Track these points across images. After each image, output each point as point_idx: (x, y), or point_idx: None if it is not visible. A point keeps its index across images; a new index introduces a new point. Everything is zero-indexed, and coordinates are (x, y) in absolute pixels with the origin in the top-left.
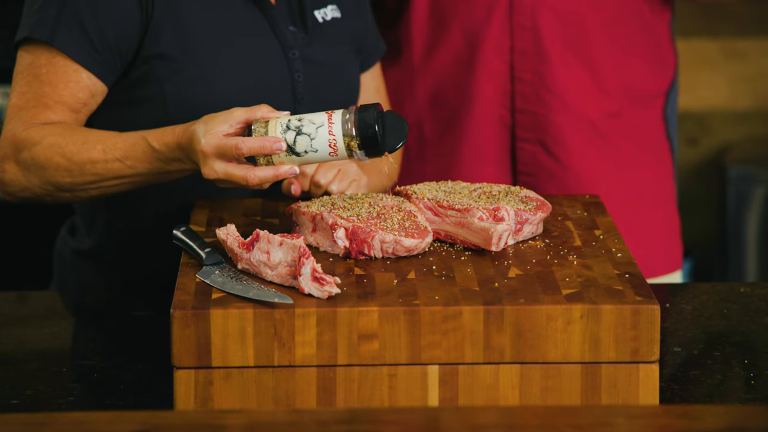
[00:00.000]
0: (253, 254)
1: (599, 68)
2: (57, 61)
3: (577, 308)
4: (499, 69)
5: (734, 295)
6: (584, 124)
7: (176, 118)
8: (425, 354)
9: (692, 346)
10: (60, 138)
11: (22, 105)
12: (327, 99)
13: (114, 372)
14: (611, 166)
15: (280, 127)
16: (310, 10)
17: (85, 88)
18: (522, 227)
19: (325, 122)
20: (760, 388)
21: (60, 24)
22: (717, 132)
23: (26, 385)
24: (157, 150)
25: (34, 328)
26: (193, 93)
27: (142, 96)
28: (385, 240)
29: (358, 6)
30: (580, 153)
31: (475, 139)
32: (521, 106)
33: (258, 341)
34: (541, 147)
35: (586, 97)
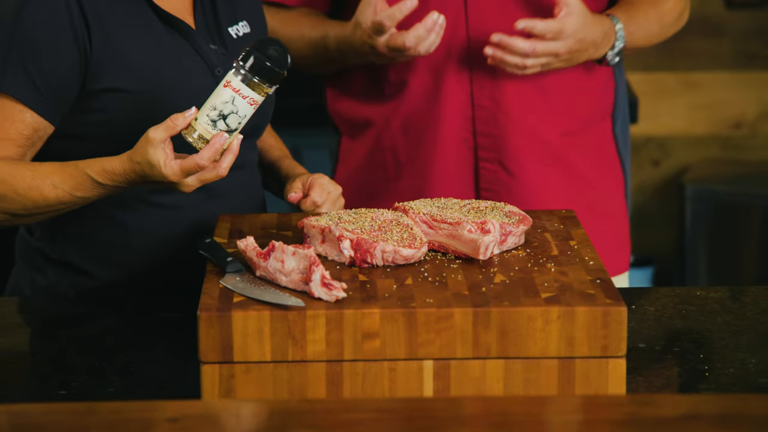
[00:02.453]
0: (269, 263)
1: (549, 94)
2: (4, 102)
3: (555, 310)
4: (460, 98)
5: (691, 298)
6: (538, 144)
7: (125, 143)
8: (421, 350)
9: (654, 343)
10: (8, 175)
11: None
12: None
13: (148, 367)
14: (564, 181)
15: (207, 125)
16: (225, 27)
17: (29, 126)
18: (506, 239)
19: (231, 93)
20: (713, 379)
21: (6, 68)
22: (677, 155)
23: (72, 378)
24: (102, 183)
25: (78, 328)
26: (137, 119)
27: (90, 126)
28: (386, 250)
29: (262, 22)
30: (535, 170)
31: (442, 160)
32: (481, 129)
33: (274, 339)
34: (500, 166)
35: (538, 120)
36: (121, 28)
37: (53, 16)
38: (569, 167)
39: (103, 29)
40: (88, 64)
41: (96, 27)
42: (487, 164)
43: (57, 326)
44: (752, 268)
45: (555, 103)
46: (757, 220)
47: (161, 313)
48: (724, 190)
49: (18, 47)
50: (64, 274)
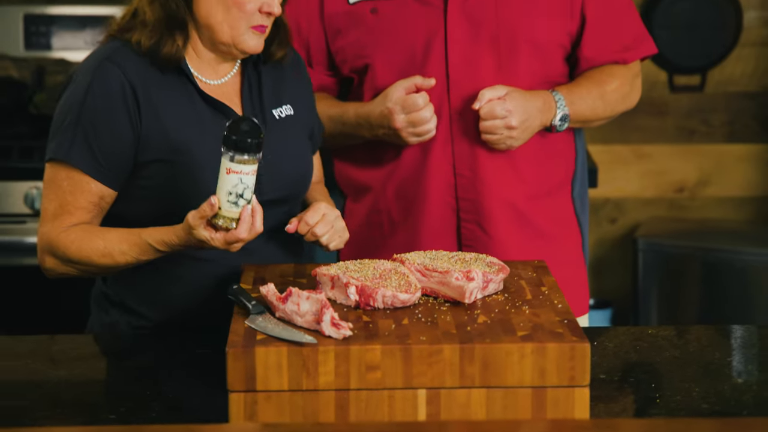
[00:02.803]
0: (287, 306)
1: (518, 165)
2: (73, 175)
3: (529, 346)
4: (444, 169)
5: (644, 336)
6: (509, 207)
7: (168, 204)
8: (415, 381)
9: (613, 374)
10: (85, 243)
11: (52, 211)
12: (283, 174)
13: (185, 395)
14: (530, 238)
15: (230, 207)
16: (269, 110)
17: (95, 194)
18: (487, 285)
19: (236, 175)
20: (663, 405)
21: (73, 146)
22: (630, 214)
23: (120, 404)
24: (160, 250)
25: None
26: (179, 184)
27: (141, 190)
28: (386, 295)
29: (309, 104)
30: (505, 229)
31: (429, 221)
32: (462, 195)
33: (291, 371)
34: (478, 226)
35: (509, 188)
36: (168, 109)
37: (111, 102)
38: (534, 226)
39: (152, 111)
40: (140, 140)
41: (146, 110)
42: (467, 224)
43: (110, 359)
44: (694, 310)
45: (523, 173)
46: (697, 270)
47: (196, 349)
48: (669, 244)
49: (83, 127)
50: (122, 315)
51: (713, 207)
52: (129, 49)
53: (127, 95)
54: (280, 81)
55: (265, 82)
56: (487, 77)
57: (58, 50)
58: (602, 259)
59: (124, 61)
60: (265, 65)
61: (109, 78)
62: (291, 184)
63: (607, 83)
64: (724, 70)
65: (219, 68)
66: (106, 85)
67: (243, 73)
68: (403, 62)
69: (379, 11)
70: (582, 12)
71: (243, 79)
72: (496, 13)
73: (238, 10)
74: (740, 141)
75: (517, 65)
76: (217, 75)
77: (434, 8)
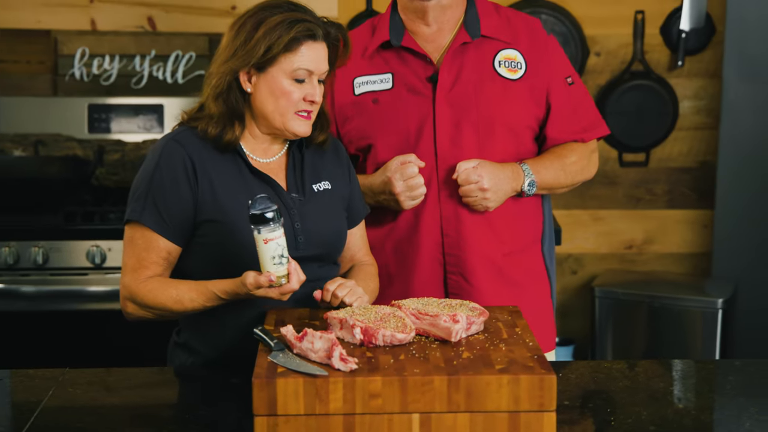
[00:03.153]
0: (303, 344)
1: (495, 226)
2: (146, 234)
3: (505, 377)
4: (434, 230)
5: (600, 369)
6: (487, 262)
7: (219, 257)
8: (410, 407)
9: (575, 401)
10: (160, 293)
11: (131, 265)
12: (319, 236)
13: (218, 417)
14: (505, 288)
15: (277, 266)
16: (309, 184)
17: (164, 249)
18: (470, 326)
19: (273, 242)
20: (617, 427)
21: (145, 210)
22: (588, 267)
23: (163, 426)
24: (223, 298)
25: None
26: (228, 241)
27: (198, 246)
28: (386, 335)
29: (345, 181)
30: (485, 280)
31: (420, 274)
32: (448, 251)
33: (306, 399)
34: (462, 277)
35: (488, 245)
36: (221, 179)
37: (174, 174)
38: (509, 278)
39: (207, 181)
40: (197, 204)
41: (203, 180)
42: (453, 276)
43: (157, 388)
44: (641, 347)
45: (500, 233)
46: (644, 313)
47: (230, 379)
48: (621, 292)
49: (152, 194)
50: (188, 356)
51: (657, 261)
52: (192, 132)
53: (187, 168)
54: (321, 161)
55: (307, 162)
56: (469, 154)
57: (116, 133)
58: (565, 304)
59: (187, 142)
60: (308, 148)
61: (174, 154)
62: (325, 244)
63: (568, 157)
64: (665, 149)
65: (270, 149)
66: (171, 160)
67: (289, 154)
68: (399, 142)
69: (380, 101)
70: (547, 101)
71: (288, 159)
72: (475, 102)
73: (286, 100)
74: (678, 207)
75: (493, 144)
76: (267, 155)
77: (424, 98)
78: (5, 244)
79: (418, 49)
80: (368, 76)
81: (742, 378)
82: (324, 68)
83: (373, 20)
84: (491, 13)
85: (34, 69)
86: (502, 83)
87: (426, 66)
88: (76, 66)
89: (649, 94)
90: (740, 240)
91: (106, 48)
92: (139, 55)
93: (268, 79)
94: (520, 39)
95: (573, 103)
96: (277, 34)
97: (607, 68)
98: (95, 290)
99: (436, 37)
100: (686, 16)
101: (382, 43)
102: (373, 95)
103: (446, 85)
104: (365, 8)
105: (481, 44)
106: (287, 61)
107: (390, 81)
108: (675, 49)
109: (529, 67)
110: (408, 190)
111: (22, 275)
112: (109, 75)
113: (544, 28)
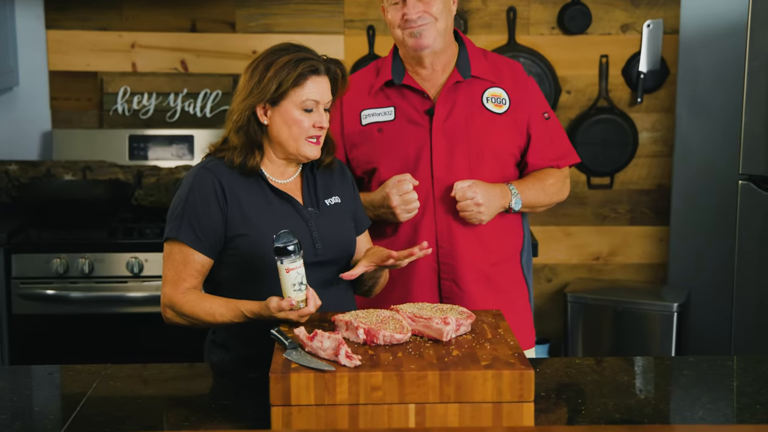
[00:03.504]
0: (313, 343)
1: (484, 239)
2: (182, 249)
3: (489, 372)
4: (429, 241)
5: (573, 365)
6: (476, 270)
7: (246, 266)
8: (407, 398)
9: (550, 392)
10: (196, 305)
11: (170, 278)
12: (332, 242)
13: (240, 407)
14: (491, 293)
15: (297, 292)
16: (322, 199)
17: (198, 263)
18: (459, 328)
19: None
20: (587, 415)
21: (181, 228)
22: (561, 275)
23: (192, 414)
24: (247, 317)
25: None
26: (255, 251)
27: (228, 257)
28: (385, 335)
29: (351, 197)
30: (474, 286)
31: (418, 280)
32: (442, 260)
33: (316, 390)
34: (454, 284)
35: (477, 256)
36: (247, 198)
37: (206, 196)
38: (495, 284)
39: (235, 201)
40: (227, 221)
41: (231, 200)
42: (446, 282)
43: (188, 381)
44: (607, 346)
45: (487, 245)
46: (609, 316)
47: (248, 373)
48: (590, 297)
49: (188, 214)
50: (224, 353)
51: (620, 271)
52: (220, 161)
53: (217, 191)
54: (330, 180)
55: (319, 181)
56: (461, 177)
57: (152, 160)
58: (542, 308)
59: (216, 169)
60: (318, 170)
61: (205, 180)
62: (338, 249)
63: (547, 180)
64: (626, 173)
65: (286, 171)
66: (203, 185)
67: (303, 175)
68: (400, 166)
69: (384, 130)
70: (528, 132)
71: (303, 179)
72: (466, 132)
73: (298, 128)
74: (638, 224)
75: (482, 168)
76: (285, 176)
77: (422, 128)
78: (57, 255)
79: (417, 87)
80: (373, 109)
81: (695, 372)
82: (328, 98)
83: (377, 62)
84: (479, 57)
85: (83, 105)
86: (490, 117)
87: (424, 101)
88: (119, 102)
89: (613, 126)
90: (692, 252)
91: (144, 87)
92: (173, 93)
93: (281, 112)
94: (504, 79)
95: (549, 135)
96: (285, 72)
97: (577, 104)
98: (134, 296)
99: (432, 76)
100: (644, 60)
101: (386, 82)
102: (377, 125)
103: (441, 118)
104: (368, 52)
105: (471, 83)
106: (296, 95)
107: (393, 113)
108: (635, 88)
109: (512, 103)
110: (403, 203)
111: (71, 283)
112: (147, 110)
113: (524, 70)
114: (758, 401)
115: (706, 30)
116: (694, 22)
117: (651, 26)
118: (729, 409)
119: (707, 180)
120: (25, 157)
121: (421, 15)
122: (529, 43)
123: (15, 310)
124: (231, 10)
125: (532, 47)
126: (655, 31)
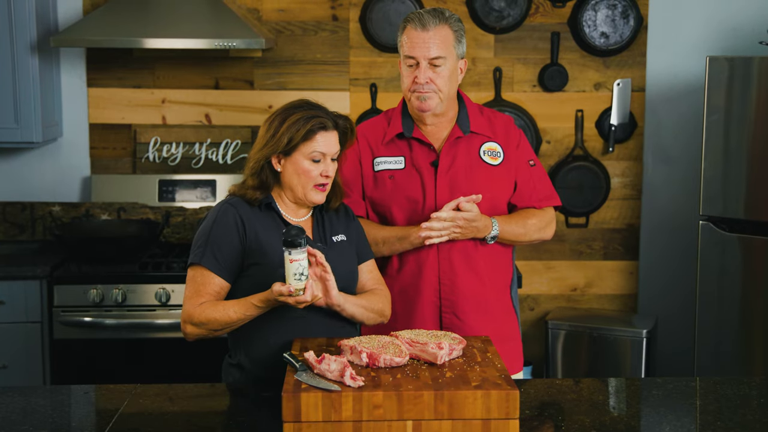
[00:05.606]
0: (321, 365)
1: (480, 275)
2: (204, 272)
3: (479, 392)
4: (432, 279)
5: (553, 386)
6: (473, 303)
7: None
8: (405, 415)
9: (534, 410)
10: (209, 310)
11: (189, 296)
12: (338, 273)
13: (254, 425)
14: (486, 321)
15: (297, 281)
16: (330, 236)
17: (217, 285)
18: (452, 352)
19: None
20: (566, 430)
21: (204, 255)
22: (543, 305)
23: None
24: (260, 307)
25: (220, 400)
26: (269, 278)
27: (243, 279)
28: (386, 358)
29: (354, 235)
30: (472, 317)
31: (421, 314)
32: (444, 296)
33: (324, 408)
34: (454, 316)
35: (474, 290)
36: (264, 232)
37: (228, 227)
38: (489, 314)
39: (253, 233)
40: (245, 250)
41: (249, 232)
42: (447, 315)
43: (209, 399)
44: (584, 368)
45: (483, 278)
46: (586, 342)
47: (262, 393)
48: (568, 325)
49: (211, 243)
50: (240, 374)
51: (595, 301)
52: (240, 198)
53: (237, 224)
54: (337, 220)
55: (326, 221)
56: None
57: (179, 201)
58: (526, 333)
59: (237, 204)
60: (327, 212)
61: (227, 213)
62: (345, 279)
63: (528, 218)
64: (600, 214)
65: (298, 212)
66: (226, 217)
67: (313, 216)
68: (409, 209)
69: (395, 177)
70: (515, 179)
71: (313, 219)
72: (466, 181)
73: (306, 176)
74: (611, 259)
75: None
76: (297, 216)
77: (429, 175)
78: (93, 286)
79: (424, 140)
80: (386, 157)
81: (662, 392)
82: (335, 150)
83: (387, 113)
84: (477, 114)
85: (119, 153)
86: (486, 168)
87: (430, 152)
88: (150, 151)
89: (588, 172)
90: (659, 284)
91: (173, 137)
92: (198, 143)
93: (292, 161)
94: (498, 133)
95: (533, 180)
96: (296, 127)
97: (556, 153)
98: (161, 323)
99: (436, 131)
100: (615, 114)
101: (397, 134)
102: (389, 172)
103: (445, 168)
104: (371, 106)
105: (471, 138)
106: (306, 147)
107: (403, 162)
108: (607, 138)
109: (505, 155)
110: (444, 230)
111: (105, 311)
112: (175, 157)
113: (514, 123)
114: (718, 418)
115: (669, 88)
116: (658, 81)
117: (621, 85)
118: (692, 425)
119: (671, 220)
120: (67, 200)
121: (429, 82)
122: (513, 99)
123: (56, 335)
124: (250, 69)
125: (516, 102)
126: (624, 89)
